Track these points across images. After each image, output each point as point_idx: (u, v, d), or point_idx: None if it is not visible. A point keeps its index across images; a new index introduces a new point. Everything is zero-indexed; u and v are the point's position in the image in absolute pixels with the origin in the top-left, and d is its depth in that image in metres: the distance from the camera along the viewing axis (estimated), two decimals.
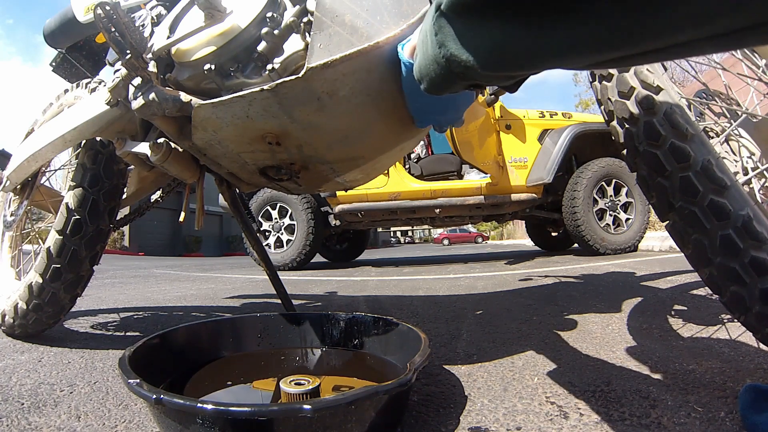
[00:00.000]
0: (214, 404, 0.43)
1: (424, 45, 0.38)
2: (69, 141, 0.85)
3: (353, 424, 0.45)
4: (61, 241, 0.91)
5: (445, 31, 0.34)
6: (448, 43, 0.34)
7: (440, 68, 0.37)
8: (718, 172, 0.56)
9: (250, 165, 0.68)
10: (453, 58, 0.34)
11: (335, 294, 1.91)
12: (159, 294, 2.10)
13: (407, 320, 0.82)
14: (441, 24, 0.34)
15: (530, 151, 3.38)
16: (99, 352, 0.96)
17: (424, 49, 0.38)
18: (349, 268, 3.73)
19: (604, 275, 2.04)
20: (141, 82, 0.61)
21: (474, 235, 26.99)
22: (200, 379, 0.69)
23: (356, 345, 0.78)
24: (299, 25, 0.55)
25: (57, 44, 1.21)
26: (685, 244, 0.61)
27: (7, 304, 1.02)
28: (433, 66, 0.37)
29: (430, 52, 0.37)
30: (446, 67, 0.36)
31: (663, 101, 0.59)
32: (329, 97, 0.54)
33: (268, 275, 0.94)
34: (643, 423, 0.53)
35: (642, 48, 0.25)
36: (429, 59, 0.37)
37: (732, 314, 0.60)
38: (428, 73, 0.39)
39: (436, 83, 0.39)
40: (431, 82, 0.40)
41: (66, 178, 1.33)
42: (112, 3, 0.57)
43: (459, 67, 0.34)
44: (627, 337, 0.93)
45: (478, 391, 0.66)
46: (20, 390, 0.72)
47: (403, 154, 0.76)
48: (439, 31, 0.34)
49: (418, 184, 3.39)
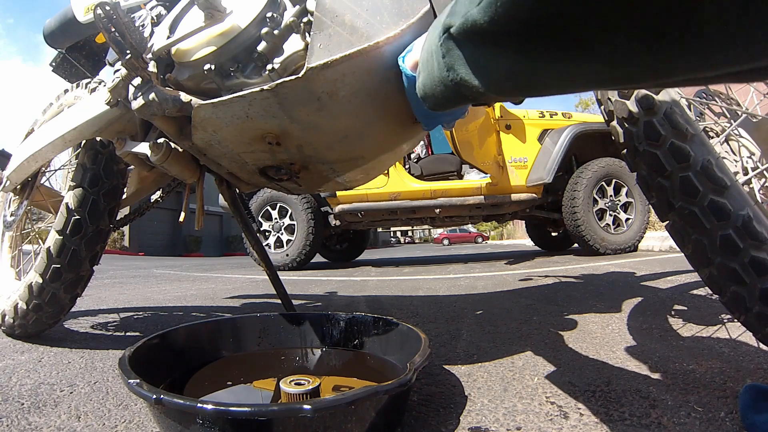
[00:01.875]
0: (214, 404, 0.43)
1: (429, 64, 0.37)
2: (69, 141, 0.85)
3: (353, 424, 0.45)
4: (61, 241, 0.91)
5: (453, 55, 0.33)
6: (458, 67, 0.33)
7: (447, 90, 0.36)
8: (718, 172, 0.56)
9: (250, 165, 0.68)
10: (463, 82, 0.33)
11: (335, 294, 1.91)
12: (159, 294, 2.10)
13: (407, 320, 0.82)
14: (449, 47, 0.33)
15: (530, 151, 3.37)
16: (99, 352, 0.96)
17: (430, 69, 0.37)
18: (349, 268, 3.73)
19: (604, 275, 2.04)
20: (141, 82, 0.61)
21: (474, 235, 26.98)
22: (200, 379, 0.69)
23: (356, 345, 0.78)
24: (299, 25, 0.55)
25: (57, 44, 1.21)
26: (685, 244, 0.61)
27: (7, 304, 1.02)
28: (440, 88, 0.36)
29: (437, 74, 0.36)
30: (455, 90, 0.35)
31: (663, 101, 0.59)
32: (329, 97, 0.54)
33: (268, 275, 0.94)
34: (643, 423, 0.53)
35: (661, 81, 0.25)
36: (435, 81, 0.36)
37: (732, 314, 0.60)
38: (434, 94, 0.38)
39: (443, 104, 0.38)
40: (437, 102, 0.39)
41: (66, 178, 1.33)
42: (112, 3, 0.57)
43: (469, 91, 0.34)
44: (627, 337, 0.93)
45: (478, 391, 0.66)
46: (20, 390, 0.72)
47: (403, 154, 0.76)
48: (447, 54, 0.33)
49: (418, 184, 3.39)
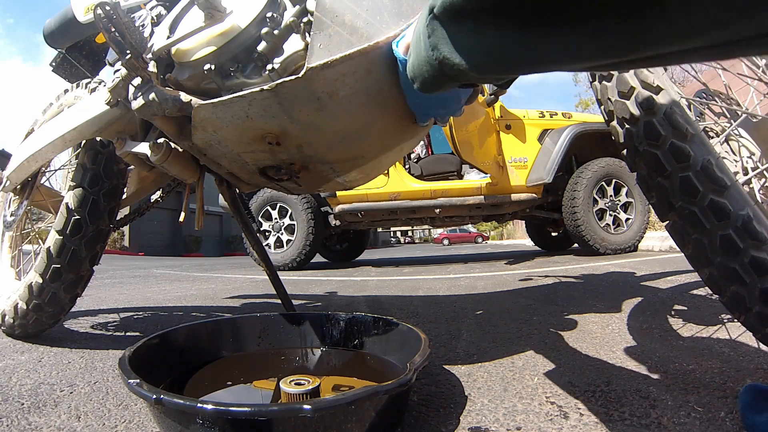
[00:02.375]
0: (214, 404, 0.43)
1: (417, 46, 0.38)
2: (69, 141, 0.85)
3: (353, 424, 0.45)
4: (61, 241, 0.91)
5: (437, 34, 0.34)
6: (441, 46, 0.34)
7: (433, 70, 0.37)
8: (718, 172, 0.56)
9: (250, 165, 0.68)
10: (446, 60, 0.34)
11: (335, 294, 1.91)
12: (159, 294, 2.10)
13: (407, 320, 0.82)
14: (434, 27, 0.34)
15: (530, 151, 3.38)
16: (99, 352, 0.96)
17: (417, 50, 0.38)
18: (349, 268, 3.73)
19: (604, 275, 2.04)
20: (141, 82, 0.61)
21: (474, 235, 26.98)
22: (200, 379, 0.69)
23: (356, 345, 0.78)
24: (299, 25, 0.55)
25: (57, 44, 1.21)
26: (685, 244, 0.61)
27: (7, 304, 1.02)
28: (426, 67, 0.37)
29: (423, 53, 0.37)
30: (439, 69, 0.36)
31: (663, 101, 0.59)
32: (329, 97, 0.54)
33: (268, 275, 0.94)
34: (643, 423, 0.53)
35: (640, 55, 0.25)
36: (422, 60, 0.38)
37: (732, 314, 0.60)
38: (421, 74, 0.39)
39: (429, 83, 0.40)
40: (424, 83, 0.40)
41: (66, 178, 1.33)
42: (112, 3, 0.57)
43: (451, 69, 0.34)
44: (627, 337, 0.93)
45: (478, 391, 0.66)
46: (20, 390, 0.72)
47: (403, 153, 0.76)
48: (432, 34, 0.34)
49: (418, 184, 3.39)
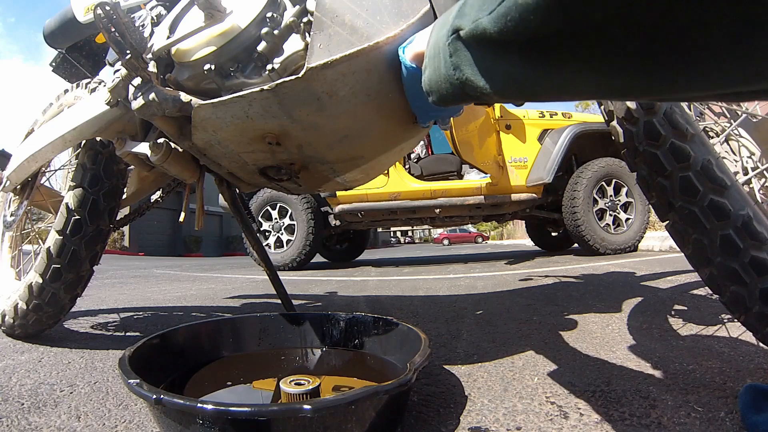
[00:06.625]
0: (214, 404, 0.43)
1: (436, 61, 0.38)
2: (69, 141, 0.85)
3: (353, 424, 0.45)
4: (61, 241, 0.91)
5: (460, 55, 0.34)
6: (464, 67, 0.34)
7: (453, 88, 0.37)
8: (718, 172, 0.56)
9: (250, 165, 0.68)
10: (468, 82, 0.34)
11: (335, 294, 1.91)
12: (159, 294, 2.10)
13: (407, 320, 0.82)
14: (457, 47, 0.34)
15: (530, 151, 3.37)
16: (99, 352, 0.96)
17: (436, 65, 0.38)
18: (349, 268, 3.73)
19: (604, 275, 2.04)
20: (141, 82, 0.61)
21: (474, 235, 26.98)
22: (200, 379, 0.69)
23: (356, 345, 0.78)
24: (299, 25, 0.55)
25: (57, 44, 1.21)
26: (685, 244, 0.61)
27: (7, 305, 1.02)
28: (446, 85, 0.37)
29: (443, 71, 0.36)
30: (460, 89, 0.36)
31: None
32: (329, 97, 0.54)
33: (268, 275, 0.94)
34: (643, 423, 0.53)
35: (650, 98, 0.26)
36: (441, 77, 0.37)
37: (732, 314, 0.60)
38: (439, 90, 0.39)
39: (448, 100, 0.39)
40: (442, 98, 0.40)
41: (66, 178, 1.33)
42: (112, 3, 0.57)
43: (473, 91, 0.34)
44: (627, 337, 0.93)
45: (478, 391, 0.66)
46: (20, 390, 0.72)
47: (403, 154, 0.76)
48: (455, 54, 0.34)
49: (418, 184, 3.39)
